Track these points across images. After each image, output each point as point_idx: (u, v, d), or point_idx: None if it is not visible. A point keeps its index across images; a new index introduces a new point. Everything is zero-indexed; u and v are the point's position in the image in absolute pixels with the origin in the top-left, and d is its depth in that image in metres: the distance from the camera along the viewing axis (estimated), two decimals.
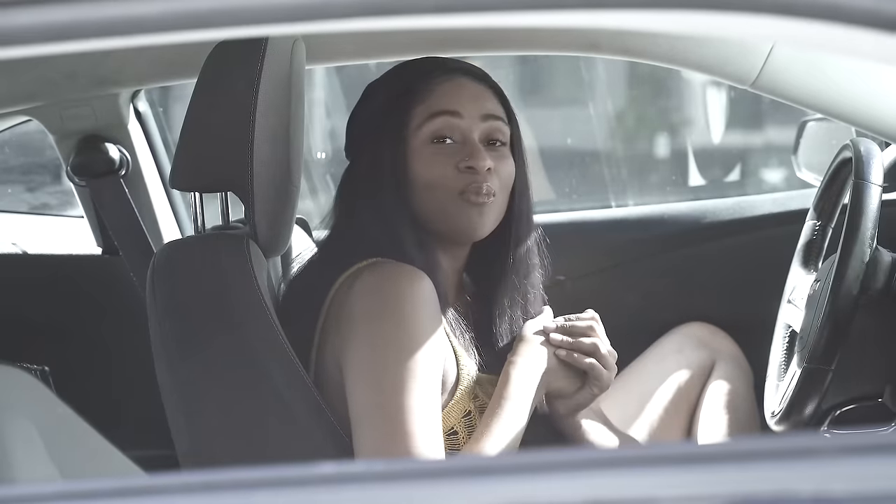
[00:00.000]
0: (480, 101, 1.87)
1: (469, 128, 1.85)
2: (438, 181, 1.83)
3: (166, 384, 1.80)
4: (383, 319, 1.74)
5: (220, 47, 1.84)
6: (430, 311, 1.76)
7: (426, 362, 1.72)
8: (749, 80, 2.27)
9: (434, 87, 1.86)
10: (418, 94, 1.86)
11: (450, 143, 1.85)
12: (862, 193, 1.97)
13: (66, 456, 1.25)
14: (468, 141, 1.85)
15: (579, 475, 1.00)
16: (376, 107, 1.89)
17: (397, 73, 1.92)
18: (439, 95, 1.86)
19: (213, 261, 1.80)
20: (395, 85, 1.89)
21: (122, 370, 2.63)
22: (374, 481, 1.02)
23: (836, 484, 0.98)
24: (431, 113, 1.85)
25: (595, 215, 2.90)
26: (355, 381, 1.74)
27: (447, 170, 1.83)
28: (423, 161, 1.84)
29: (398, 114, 1.86)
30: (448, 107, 1.85)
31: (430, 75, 1.87)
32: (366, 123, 1.90)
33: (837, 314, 1.94)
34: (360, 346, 1.74)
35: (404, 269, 1.77)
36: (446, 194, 1.83)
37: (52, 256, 2.78)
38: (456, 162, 1.83)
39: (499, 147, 1.88)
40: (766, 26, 1.03)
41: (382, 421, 1.70)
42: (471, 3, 1.03)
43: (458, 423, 1.81)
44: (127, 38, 1.04)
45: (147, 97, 2.71)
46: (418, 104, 1.85)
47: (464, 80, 1.88)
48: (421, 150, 1.84)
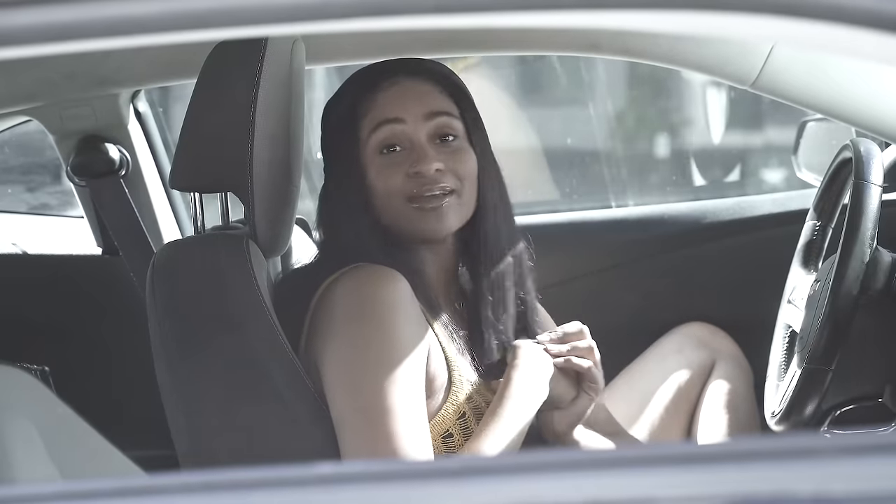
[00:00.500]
0: (423, 101, 1.86)
1: (414, 131, 1.84)
2: (391, 190, 1.83)
3: (166, 384, 1.80)
4: (360, 322, 1.74)
5: (220, 47, 1.84)
6: (408, 312, 1.76)
7: (406, 363, 1.72)
8: (749, 80, 2.27)
9: (376, 97, 1.86)
10: (362, 107, 1.86)
11: (399, 151, 1.84)
12: (862, 194, 1.97)
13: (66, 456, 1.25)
14: (415, 145, 1.84)
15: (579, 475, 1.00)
16: (330, 125, 1.91)
17: (343, 88, 1.92)
18: (381, 104, 1.85)
19: (213, 261, 1.80)
20: (342, 101, 1.90)
21: (122, 370, 2.63)
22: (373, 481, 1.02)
23: (836, 484, 0.98)
24: (375, 124, 1.84)
25: (595, 215, 2.90)
26: (335, 384, 1.74)
27: (397, 178, 1.83)
28: (375, 173, 1.84)
29: (348, 130, 1.87)
30: (389, 115, 1.84)
31: (373, 86, 1.87)
32: (325, 141, 1.93)
33: (837, 314, 1.94)
34: (339, 350, 1.75)
35: (380, 272, 1.77)
36: (400, 202, 1.83)
37: (52, 256, 2.78)
38: (405, 169, 1.83)
39: (452, 142, 1.86)
40: (767, 26, 1.03)
41: (364, 424, 1.70)
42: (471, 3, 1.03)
43: (452, 425, 1.80)
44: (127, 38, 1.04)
45: (147, 97, 2.71)
46: (363, 117, 1.85)
47: (405, 82, 1.87)
48: (372, 161, 1.85)
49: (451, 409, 1.80)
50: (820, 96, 2.25)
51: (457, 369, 1.82)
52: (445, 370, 1.81)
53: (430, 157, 1.82)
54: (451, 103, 1.88)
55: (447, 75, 1.90)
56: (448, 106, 1.87)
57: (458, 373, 1.82)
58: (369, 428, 1.69)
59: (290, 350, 1.77)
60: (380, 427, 1.69)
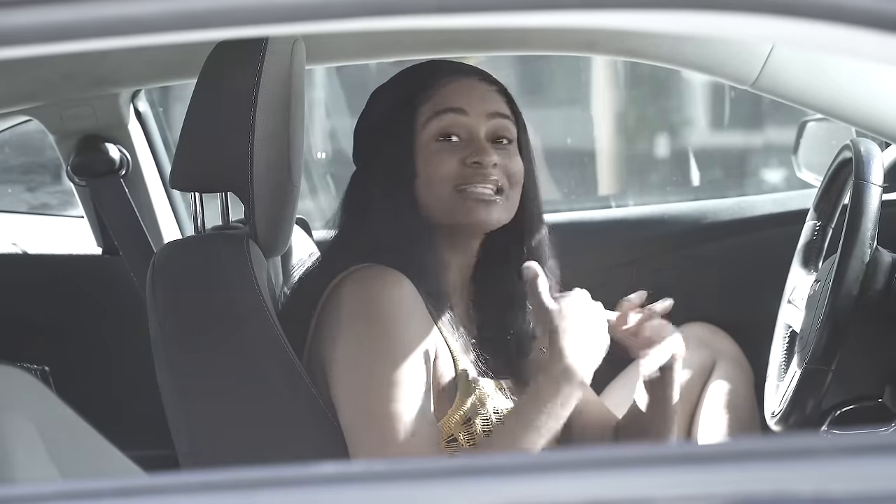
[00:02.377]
0: (486, 100, 1.87)
1: (475, 125, 1.85)
2: (444, 177, 1.83)
3: (166, 384, 1.80)
4: (365, 323, 1.74)
5: (220, 47, 1.84)
6: (413, 314, 1.75)
7: (411, 364, 1.72)
8: (749, 80, 2.26)
9: (440, 87, 1.86)
10: (424, 93, 1.86)
11: (456, 141, 1.84)
12: (862, 194, 1.97)
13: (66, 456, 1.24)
14: (474, 138, 1.85)
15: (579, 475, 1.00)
16: (383, 109, 1.89)
17: (403, 75, 1.92)
18: (445, 94, 1.86)
19: (213, 261, 1.80)
20: (401, 87, 1.89)
21: (122, 370, 2.63)
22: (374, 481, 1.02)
23: (836, 484, 0.98)
24: (437, 110, 1.84)
25: (595, 215, 2.90)
26: (341, 386, 1.74)
27: (452, 165, 1.83)
28: (429, 158, 1.84)
29: (405, 114, 1.86)
30: (454, 104, 1.85)
31: (436, 76, 1.88)
32: (373, 126, 1.90)
33: (837, 314, 1.94)
34: (345, 351, 1.75)
35: (385, 273, 1.77)
36: (451, 190, 1.82)
37: (52, 256, 2.78)
38: (462, 158, 1.83)
39: (506, 145, 1.87)
40: (767, 26, 1.03)
41: (370, 426, 1.70)
42: (471, 3, 1.03)
43: (458, 429, 1.80)
44: (127, 38, 1.04)
45: (147, 97, 2.71)
46: (424, 102, 1.85)
47: (469, 80, 1.88)
48: (427, 146, 1.84)
49: (457, 414, 1.80)
50: (820, 96, 2.25)
51: (464, 373, 1.82)
52: (453, 373, 1.81)
53: (489, 151, 1.83)
54: (507, 108, 1.90)
55: (502, 85, 1.92)
56: (506, 110, 1.89)
57: (465, 376, 1.82)
58: (376, 429, 1.70)
59: (291, 350, 1.77)
60: (386, 428, 1.69)
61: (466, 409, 1.80)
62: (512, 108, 1.91)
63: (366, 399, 1.71)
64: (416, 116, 1.85)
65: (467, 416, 1.80)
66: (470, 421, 1.80)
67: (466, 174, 1.82)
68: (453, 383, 1.80)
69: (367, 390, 1.72)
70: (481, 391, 1.82)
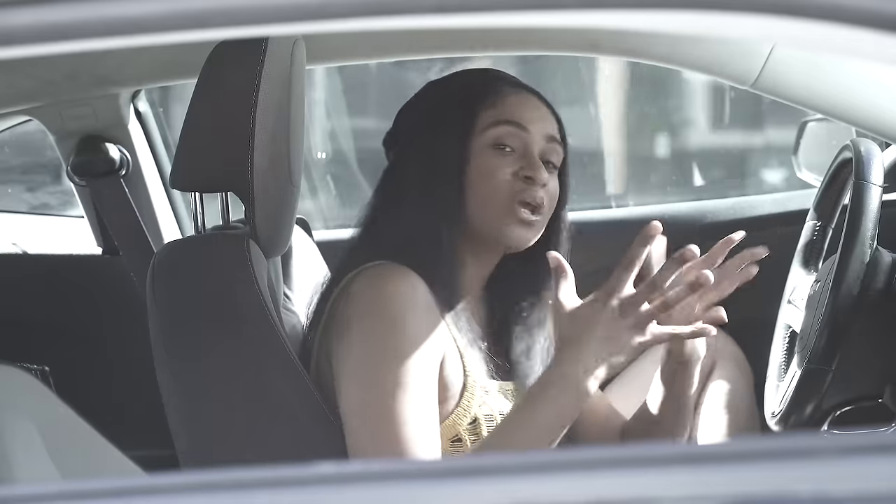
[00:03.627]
0: (546, 121, 1.88)
1: (532, 142, 1.85)
2: (496, 185, 1.82)
3: (166, 384, 1.80)
4: (373, 321, 1.74)
5: (220, 47, 1.84)
6: (421, 314, 1.75)
7: (417, 364, 1.72)
8: (749, 80, 2.26)
9: (504, 96, 1.86)
10: (488, 99, 1.86)
11: (510, 152, 1.84)
12: (862, 194, 1.97)
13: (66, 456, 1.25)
14: (528, 153, 1.85)
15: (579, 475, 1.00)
16: (441, 105, 1.88)
17: (465, 76, 1.92)
18: (509, 105, 1.86)
19: (214, 261, 1.80)
20: (463, 87, 1.89)
21: (122, 370, 2.63)
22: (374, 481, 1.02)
23: (836, 484, 0.98)
24: (499, 120, 1.84)
25: (595, 215, 2.90)
26: (346, 384, 1.74)
27: (505, 175, 1.83)
28: (483, 163, 1.83)
29: (465, 113, 1.85)
30: (516, 118, 1.85)
31: (500, 84, 1.88)
32: (425, 118, 1.89)
33: (837, 315, 1.94)
34: (351, 348, 1.75)
35: (395, 271, 1.77)
36: (501, 199, 1.82)
37: (52, 256, 2.78)
38: (515, 170, 1.83)
39: (551, 169, 1.88)
40: (767, 26, 1.03)
41: (372, 425, 1.70)
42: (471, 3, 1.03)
43: (463, 430, 1.80)
44: (127, 38, 1.04)
45: (147, 97, 2.71)
46: (487, 108, 1.85)
47: (532, 98, 1.89)
48: (481, 152, 1.84)
49: (462, 415, 1.80)
50: (820, 96, 2.25)
51: (471, 375, 1.82)
52: (461, 375, 1.81)
53: (542, 168, 1.84)
54: (559, 134, 1.91)
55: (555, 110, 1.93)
56: (558, 135, 1.90)
57: (472, 378, 1.81)
58: (378, 428, 1.70)
59: (291, 349, 1.78)
60: (388, 428, 1.69)
61: (472, 411, 1.80)
62: (563, 136, 1.92)
63: (369, 397, 1.71)
64: (475, 119, 1.84)
65: (473, 417, 1.80)
66: (475, 422, 1.80)
67: (517, 187, 1.83)
68: (461, 385, 1.80)
69: (371, 388, 1.72)
70: (488, 394, 1.82)
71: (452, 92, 1.89)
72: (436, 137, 1.85)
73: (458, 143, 1.84)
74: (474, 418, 1.80)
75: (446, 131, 1.85)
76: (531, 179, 1.83)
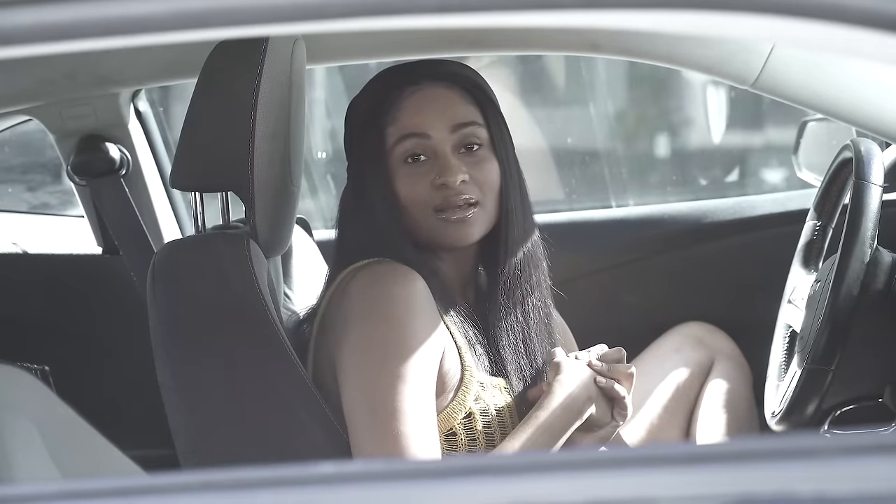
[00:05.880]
0: (448, 112, 1.85)
1: (439, 143, 1.84)
2: (416, 199, 1.83)
3: (166, 384, 1.80)
4: (374, 320, 1.75)
5: (220, 47, 1.84)
6: (423, 312, 1.76)
7: (417, 363, 1.73)
8: (749, 80, 2.27)
9: (402, 104, 1.85)
10: (388, 114, 1.85)
11: (424, 160, 1.84)
12: (862, 194, 1.97)
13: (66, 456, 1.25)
14: (439, 156, 1.84)
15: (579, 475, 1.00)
16: (355, 125, 1.90)
17: (369, 88, 1.91)
18: (406, 114, 1.84)
19: (214, 260, 1.80)
20: (367, 103, 1.89)
21: (122, 370, 2.63)
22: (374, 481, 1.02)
23: (836, 484, 0.98)
24: (402, 135, 1.84)
25: (595, 215, 2.90)
26: (347, 381, 1.75)
27: (422, 188, 1.83)
28: (401, 181, 1.84)
29: (373, 135, 1.86)
30: (416, 129, 1.84)
31: (398, 90, 1.86)
32: (349, 140, 1.91)
33: (838, 314, 1.94)
34: (352, 347, 1.75)
35: (396, 269, 1.78)
36: (425, 212, 1.83)
37: (52, 256, 2.78)
38: (431, 179, 1.83)
39: (476, 151, 1.86)
40: (767, 26, 1.03)
41: (373, 423, 1.71)
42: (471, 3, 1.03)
43: (458, 424, 1.81)
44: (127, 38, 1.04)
45: (147, 97, 2.72)
46: (389, 124, 1.85)
47: (431, 88, 1.86)
48: (397, 169, 1.84)
49: (457, 408, 1.81)
50: (820, 96, 2.25)
51: (469, 369, 1.82)
52: (459, 369, 1.82)
53: (454, 169, 1.82)
54: (476, 111, 1.87)
55: (473, 79, 1.89)
56: (473, 115, 1.87)
57: (469, 373, 1.82)
58: (378, 426, 1.70)
59: (291, 349, 1.78)
60: (389, 426, 1.69)
61: (468, 405, 1.80)
62: (484, 108, 1.88)
63: (370, 393, 1.72)
64: (384, 138, 1.85)
65: (468, 411, 1.81)
66: (470, 416, 1.81)
67: (437, 196, 1.83)
68: (458, 379, 1.81)
69: (371, 385, 1.72)
70: (483, 388, 1.83)
71: (361, 112, 1.89)
72: (358, 161, 1.89)
73: (376, 167, 1.85)
74: (469, 412, 1.81)
75: (364, 156, 1.87)
76: (445, 185, 1.82)
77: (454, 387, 1.81)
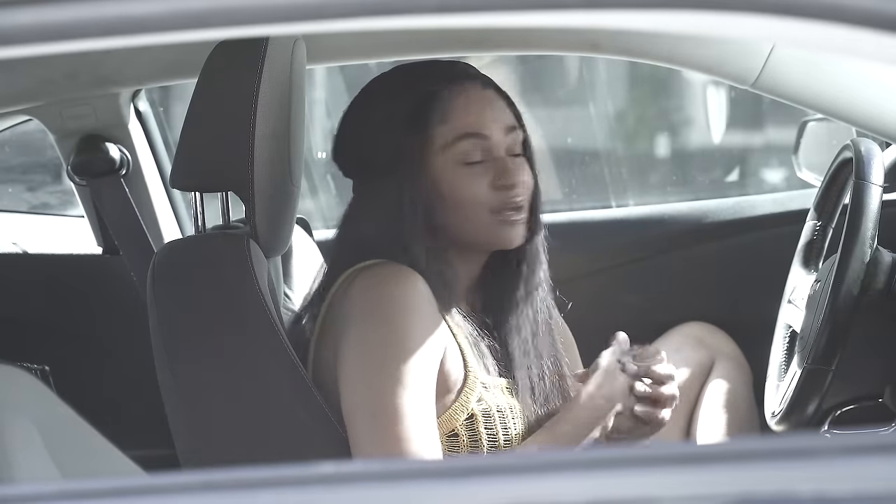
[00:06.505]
0: (500, 114, 1.84)
1: (496, 144, 1.82)
2: (474, 200, 1.81)
3: (166, 384, 1.80)
4: (375, 321, 1.75)
5: (220, 47, 1.84)
6: (424, 313, 1.76)
7: (418, 364, 1.72)
8: (749, 80, 2.27)
9: (452, 104, 1.81)
10: (435, 113, 1.81)
11: (481, 163, 1.82)
12: (862, 194, 1.97)
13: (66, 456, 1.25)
14: (497, 157, 1.82)
15: (579, 475, 1.00)
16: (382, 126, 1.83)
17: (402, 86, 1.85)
18: (461, 114, 1.81)
19: (214, 261, 1.80)
20: (404, 102, 1.82)
21: (123, 370, 2.63)
22: (374, 481, 1.02)
23: (836, 484, 0.98)
24: (458, 135, 1.81)
25: (595, 215, 2.90)
26: (347, 383, 1.74)
27: (482, 189, 1.81)
28: (455, 183, 1.81)
29: (416, 135, 1.81)
30: (474, 129, 1.81)
31: (442, 89, 1.82)
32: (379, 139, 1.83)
33: (838, 314, 1.94)
34: (353, 349, 1.75)
35: (398, 271, 1.77)
36: (480, 212, 1.81)
37: (52, 256, 2.78)
38: (490, 180, 1.81)
39: (519, 156, 1.86)
40: (767, 26, 1.03)
41: (373, 425, 1.71)
42: (471, 3, 1.03)
43: (460, 425, 1.81)
44: (127, 38, 1.04)
45: (147, 97, 2.71)
46: (439, 124, 1.81)
47: (475, 90, 1.84)
48: (453, 169, 1.81)
49: (460, 409, 1.80)
50: (820, 96, 2.25)
51: (472, 371, 1.82)
52: (462, 370, 1.81)
53: (516, 171, 1.82)
54: (513, 117, 1.87)
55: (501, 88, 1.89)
56: (514, 120, 1.87)
57: (472, 375, 1.82)
58: (379, 428, 1.70)
59: (291, 349, 1.78)
60: (388, 428, 1.69)
61: (470, 407, 1.80)
62: (516, 115, 1.88)
63: (371, 394, 1.72)
64: (432, 139, 1.81)
65: (470, 413, 1.81)
66: (472, 418, 1.81)
67: (496, 198, 1.81)
68: (461, 380, 1.81)
69: (372, 387, 1.72)
70: (486, 390, 1.83)
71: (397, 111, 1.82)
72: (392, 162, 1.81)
73: (419, 167, 1.80)
74: (471, 414, 1.81)
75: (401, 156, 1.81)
76: (507, 187, 1.82)
77: (456, 388, 1.81)
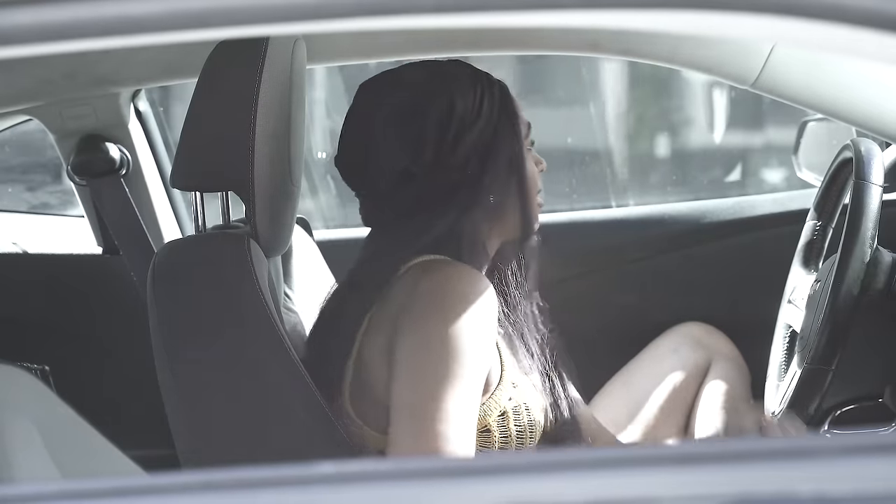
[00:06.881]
0: None
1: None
2: (534, 182, 1.91)
3: (167, 383, 1.80)
4: (441, 320, 1.72)
5: (221, 47, 1.84)
6: (488, 315, 1.75)
7: (474, 366, 1.71)
8: (749, 80, 2.27)
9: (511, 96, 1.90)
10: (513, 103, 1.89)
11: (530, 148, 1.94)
12: (862, 194, 1.97)
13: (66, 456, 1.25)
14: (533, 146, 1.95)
15: (579, 475, 1.00)
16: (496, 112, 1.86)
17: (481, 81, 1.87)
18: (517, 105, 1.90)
19: (214, 260, 1.80)
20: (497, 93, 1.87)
21: (123, 370, 2.63)
22: (374, 481, 1.02)
23: (836, 484, 0.98)
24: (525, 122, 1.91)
25: (595, 215, 2.90)
26: (401, 376, 1.72)
27: (535, 171, 1.92)
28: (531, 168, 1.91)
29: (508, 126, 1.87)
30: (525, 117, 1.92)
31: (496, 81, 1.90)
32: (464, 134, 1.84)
33: (838, 314, 1.94)
34: (414, 343, 1.72)
35: (468, 272, 1.76)
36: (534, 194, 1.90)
37: (52, 256, 2.78)
38: (535, 162, 1.93)
39: None
40: (767, 26, 1.03)
41: (419, 420, 1.69)
42: (471, 3, 1.03)
43: (492, 422, 1.80)
44: (127, 38, 1.04)
45: (147, 97, 2.72)
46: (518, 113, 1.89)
47: None
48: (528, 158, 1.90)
49: (493, 406, 1.80)
50: (820, 96, 2.26)
51: (507, 370, 1.82)
52: (499, 369, 1.81)
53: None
54: None
55: None
56: None
57: (507, 373, 1.82)
58: (423, 424, 1.68)
59: (291, 348, 1.77)
60: (433, 426, 1.67)
61: (502, 404, 1.80)
62: None
63: (424, 391, 1.69)
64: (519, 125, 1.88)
65: (502, 410, 1.80)
66: (504, 415, 1.81)
67: (537, 182, 1.92)
68: (497, 378, 1.80)
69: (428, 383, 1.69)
70: (516, 388, 1.83)
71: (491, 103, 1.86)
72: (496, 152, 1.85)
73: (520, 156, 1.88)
74: (503, 411, 1.81)
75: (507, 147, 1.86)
76: (542, 170, 1.93)
77: (493, 386, 1.81)
